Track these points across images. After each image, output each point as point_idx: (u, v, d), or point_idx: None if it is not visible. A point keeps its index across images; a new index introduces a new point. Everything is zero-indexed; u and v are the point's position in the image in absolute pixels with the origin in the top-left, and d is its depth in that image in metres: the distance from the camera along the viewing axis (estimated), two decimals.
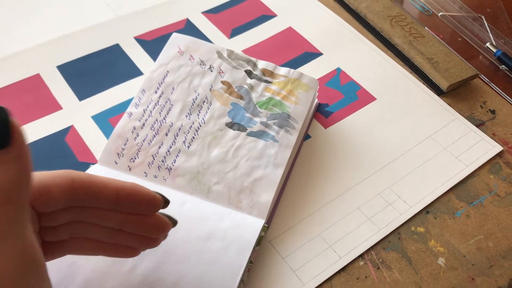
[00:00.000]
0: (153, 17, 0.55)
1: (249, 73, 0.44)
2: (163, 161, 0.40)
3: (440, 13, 0.59)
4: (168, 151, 0.40)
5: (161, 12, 0.56)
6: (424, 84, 0.51)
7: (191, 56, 0.44)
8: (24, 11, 0.55)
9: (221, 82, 0.43)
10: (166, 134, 0.40)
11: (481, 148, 0.45)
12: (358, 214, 0.40)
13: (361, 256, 0.38)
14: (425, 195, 0.42)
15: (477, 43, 0.56)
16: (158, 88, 0.43)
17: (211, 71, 0.43)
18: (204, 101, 0.42)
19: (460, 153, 0.45)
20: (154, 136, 0.41)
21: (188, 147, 0.40)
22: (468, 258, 0.38)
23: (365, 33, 0.56)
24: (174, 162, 0.40)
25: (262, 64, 0.44)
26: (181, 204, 0.38)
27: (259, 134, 0.41)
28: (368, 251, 0.38)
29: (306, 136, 0.45)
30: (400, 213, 0.40)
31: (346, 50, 0.53)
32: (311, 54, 0.53)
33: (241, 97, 0.43)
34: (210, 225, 0.37)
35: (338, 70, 0.51)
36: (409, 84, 0.51)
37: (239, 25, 0.55)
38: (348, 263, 0.37)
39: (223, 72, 0.43)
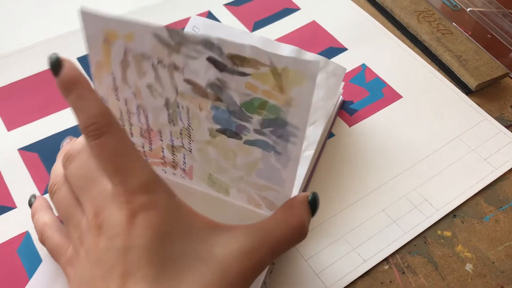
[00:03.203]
0: (174, 9, 0.54)
1: (214, 62, 0.28)
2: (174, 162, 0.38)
3: (469, 9, 0.57)
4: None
5: (182, 4, 0.55)
6: (451, 82, 0.49)
7: (126, 49, 0.29)
8: (45, 1, 0.54)
9: (184, 80, 0.29)
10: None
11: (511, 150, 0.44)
12: (383, 216, 0.39)
13: (385, 260, 0.37)
14: (452, 198, 0.41)
15: (508, 41, 0.54)
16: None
17: (164, 68, 0.29)
18: (179, 108, 0.31)
19: (489, 155, 0.43)
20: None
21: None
22: (497, 265, 0.37)
23: (391, 28, 0.54)
24: (185, 164, 0.38)
25: (227, 45, 0.27)
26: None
27: (257, 143, 0.31)
28: (393, 255, 0.37)
29: (330, 135, 0.44)
30: (427, 216, 0.39)
31: (372, 45, 0.52)
32: (336, 49, 0.51)
33: (218, 99, 0.30)
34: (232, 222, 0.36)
35: (363, 66, 0.50)
36: (436, 82, 0.49)
37: (261, 18, 0.54)
38: (372, 267, 0.36)
39: (179, 66, 0.29)
